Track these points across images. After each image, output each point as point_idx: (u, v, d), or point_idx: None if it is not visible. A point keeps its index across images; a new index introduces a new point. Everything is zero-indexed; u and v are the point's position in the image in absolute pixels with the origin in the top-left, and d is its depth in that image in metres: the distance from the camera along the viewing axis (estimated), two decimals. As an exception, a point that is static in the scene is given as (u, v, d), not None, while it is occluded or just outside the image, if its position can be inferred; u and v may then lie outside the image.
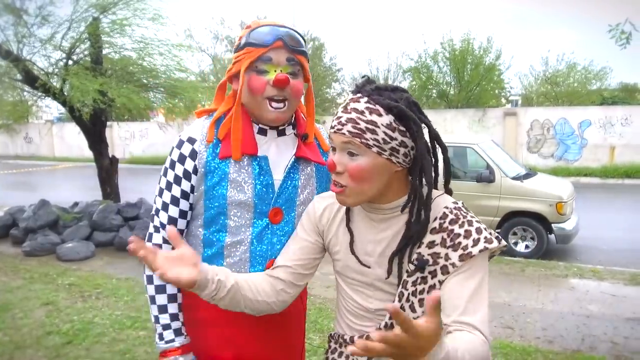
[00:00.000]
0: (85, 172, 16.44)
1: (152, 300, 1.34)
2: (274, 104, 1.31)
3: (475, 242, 1.06)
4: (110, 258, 6.09)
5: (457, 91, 19.01)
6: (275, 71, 1.29)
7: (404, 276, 1.12)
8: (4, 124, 9.01)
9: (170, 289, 1.34)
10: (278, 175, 1.36)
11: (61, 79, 6.84)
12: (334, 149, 1.11)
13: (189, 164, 1.33)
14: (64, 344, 3.60)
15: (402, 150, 1.07)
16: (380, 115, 1.04)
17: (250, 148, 1.32)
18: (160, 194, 1.36)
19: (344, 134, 1.06)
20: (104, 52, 7.15)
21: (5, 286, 4.96)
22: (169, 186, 1.35)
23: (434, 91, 20.07)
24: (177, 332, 1.33)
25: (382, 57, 37.17)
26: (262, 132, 1.37)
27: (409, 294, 1.11)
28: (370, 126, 1.04)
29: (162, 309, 1.33)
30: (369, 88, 1.09)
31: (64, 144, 24.11)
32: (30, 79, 6.70)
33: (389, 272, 1.13)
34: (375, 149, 1.05)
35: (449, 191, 1.20)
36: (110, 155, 7.90)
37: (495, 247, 1.06)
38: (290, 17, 6.95)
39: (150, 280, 1.34)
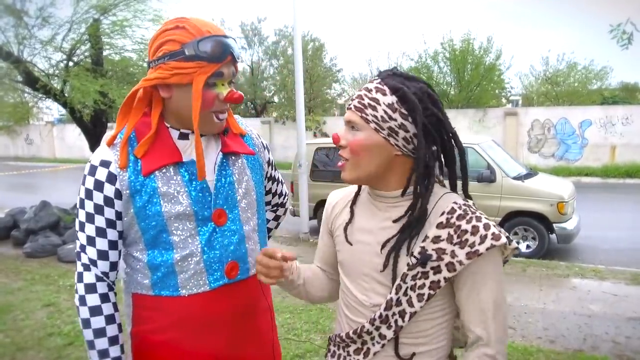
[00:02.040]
0: (86, 174, 16.43)
1: (91, 345, 1.23)
2: (221, 116, 1.28)
3: (483, 239, 1.05)
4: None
5: (457, 91, 18.99)
6: (222, 84, 1.25)
7: (404, 269, 1.10)
8: (4, 125, 9.01)
9: (111, 331, 1.25)
10: (210, 176, 1.30)
11: (62, 81, 6.85)
12: (345, 126, 1.16)
13: (109, 189, 1.23)
14: (65, 345, 3.60)
15: (401, 133, 1.09)
16: (384, 94, 1.08)
17: (174, 156, 1.26)
18: (82, 228, 1.25)
19: (351, 108, 1.12)
20: (104, 53, 7.16)
21: (6, 288, 4.96)
22: (90, 218, 1.24)
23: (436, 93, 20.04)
24: None
25: (382, 58, 37.15)
26: (184, 136, 1.30)
27: (407, 287, 1.10)
28: (372, 103, 1.09)
29: (103, 354, 1.23)
30: (386, 73, 1.14)
31: (64, 146, 24.12)
32: (31, 81, 6.71)
33: (385, 265, 1.12)
34: (372, 125, 1.09)
35: (467, 195, 1.19)
36: (110, 157, 7.89)
37: (502, 244, 1.05)
38: (291, 18, 6.95)
39: (87, 324, 1.23)
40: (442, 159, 1.17)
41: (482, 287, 1.06)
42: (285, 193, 1.71)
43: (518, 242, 6.35)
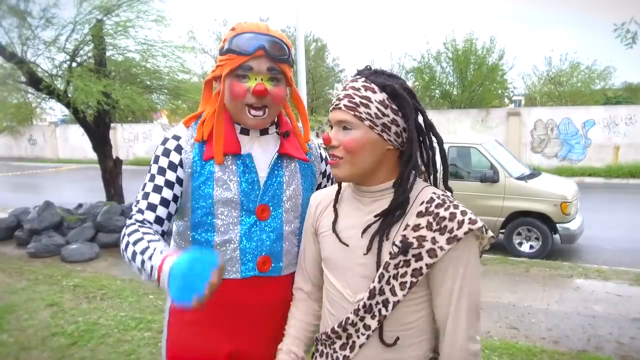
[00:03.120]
0: (89, 174, 16.51)
1: (133, 256, 1.21)
2: (253, 112, 1.34)
3: (460, 224, 1.07)
4: (114, 259, 6.10)
5: (460, 91, 18.96)
6: (255, 79, 1.31)
7: (386, 258, 1.12)
8: (8, 126, 9.05)
9: (150, 237, 1.23)
10: (262, 173, 1.38)
11: (65, 81, 6.87)
12: (331, 127, 1.19)
13: (175, 157, 1.34)
14: (69, 345, 3.60)
15: (393, 128, 1.13)
16: (374, 92, 1.13)
17: (234, 147, 1.35)
18: (143, 187, 1.35)
19: (340, 108, 1.14)
20: (107, 53, 7.18)
21: (10, 288, 4.98)
22: (152, 178, 1.34)
23: (437, 91, 20.03)
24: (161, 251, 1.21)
25: (384, 58, 37.23)
26: (245, 132, 1.40)
27: (389, 276, 1.12)
28: (364, 101, 1.12)
29: (143, 251, 1.20)
30: (367, 72, 1.18)
31: (67, 146, 24.18)
32: (35, 81, 6.72)
33: (368, 248, 1.14)
34: (367, 122, 1.12)
35: (447, 188, 1.22)
36: (114, 157, 7.92)
37: (478, 227, 1.07)
38: (293, 18, 6.96)
39: (127, 245, 1.24)
40: (425, 150, 1.21)
41: (458, 272, 1.09)
42: None
43: (521, 243, 6.34)
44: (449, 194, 1.18)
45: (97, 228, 6.76)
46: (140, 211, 1.31)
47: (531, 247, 6.28)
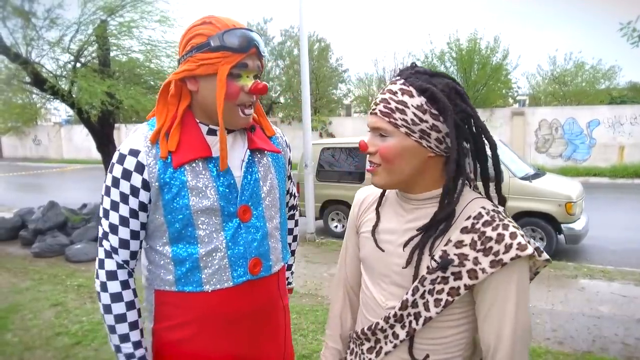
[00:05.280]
0: (93, 174, 16.56)
1: (112, 329, 1.26)
2: (247, 111, 1.29)
3: (507, 249, 0.98)
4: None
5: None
6: (247, 77, 1.26)
7: (423, 272, 1.06)
8: (13, 126, 9.07)
9: (132, 317, 1.27)
10: (237, 172, 1.32)
11: (69, 81, 6.89)
12: (370, 131, 1.12)
13: (136, 179, 1.23)
14: (73, 344, 3.61)
15: (433, 134, 1.04)
16: (412, 96, 1.03)
17: (203, 151, 1.27)
18: (106, 215, 1.25)
19: (376, 113, 1.07)
20: (111, 54, 7.20)
21: (14, 287, 5.00)
22: (115, 206, 1.24)
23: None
24: None
25: (388, 58, 37.15)
26: (212, 132, 1.31)
27: (424, 291, 1.06)
28: (400, 106, 1.04)
29: (124, 338, 1.26)
30: (408, 72, 1.08)
31: (72, 146, 24.29)
32: (39, 82, 6.75)
33: (408, 262, 1.08)
34: (403, 129, 1.04)
35: (502, 198, 1.14)
36: (118, 157, 7.93)
37: (527, 255, 0.98)
38: (297, 18, 6.96)
39: (108, 309, 1.25)
40: (474, 156, 1.12)
41: (504, 299, 1.00)
42: (295, 193, 1.72)
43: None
44: (501, 209, 1.08)
45: (101, 228, 6.77)
46: (115, 250, 1.26)
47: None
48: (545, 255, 1.02)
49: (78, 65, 6.98)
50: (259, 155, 1.38)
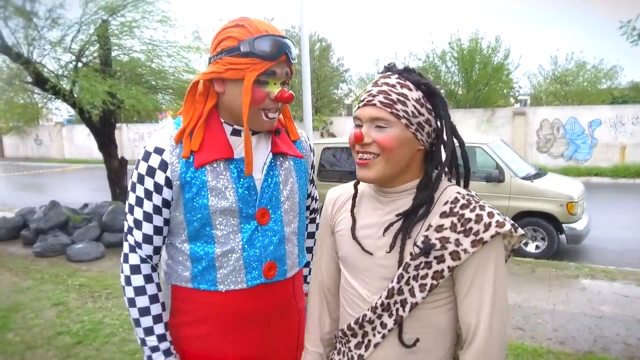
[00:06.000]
0: (94, 174, 16.57)
1: (137, 323, 1.29)
2: (271, 114, 1.29)
3: (487, 227, 1.03)
4: (119, 259, 6.11)
5: (465, 91, 18.92)
6: (274, 84, 1.26)
7: (407, 258, 1.08)
8: (14, 126, 9.12)
9: (155, 310, 1.30)
10: (257, 175, 1.32)
11: (71, 81, 6.90)
12: (359, 126, 1.12)
13: (160, 177, 1.25)
14: (74, 344, 3.62)
15: (426, 128, 1.10)
16: (410, 89, 1.09)
17: (226, 152, 1.28)
18: (131, 211, 1.29)
19: (375, 104, 1.08)
20: (113, 54, 7.21)
21: (16, 287, 5.00)
22: (139, 202, 1.28)
23: (442, 91, 19.75)
24: (167, 353, 1.30)
25: (389, 58, 36.96)
26: (236, 133, 1.32)
27: (409, 277, 1.08)
28: (401, 98, 1.07)
29: (149, 331, 1.29)
30: (397, 69, 1.14)
31: (73, 146, 24.32)
32: (41, 81, 6.76)
33: (392, 246, 1.10)
34: (404, 121, 1.07)
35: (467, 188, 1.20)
36: (119, 157, 7.95)
37: (506, 231, 1.03)
38: (298, 18, 6.98)
39: (132, 303, 1.28)
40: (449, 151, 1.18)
41: (484, 277, 1.05)
42: (317, 197, 1.72)
43: (527, 243, 6.30)
44: (474, 193, 1.14)
45: (102, 228, 6.79)
46: (138, 245, 1.29)
47: (537, 247, 6.25)
48: (520, 231, 1.06)
49: (79, 65, 6.99)
50: (281, 159, 1.38)
